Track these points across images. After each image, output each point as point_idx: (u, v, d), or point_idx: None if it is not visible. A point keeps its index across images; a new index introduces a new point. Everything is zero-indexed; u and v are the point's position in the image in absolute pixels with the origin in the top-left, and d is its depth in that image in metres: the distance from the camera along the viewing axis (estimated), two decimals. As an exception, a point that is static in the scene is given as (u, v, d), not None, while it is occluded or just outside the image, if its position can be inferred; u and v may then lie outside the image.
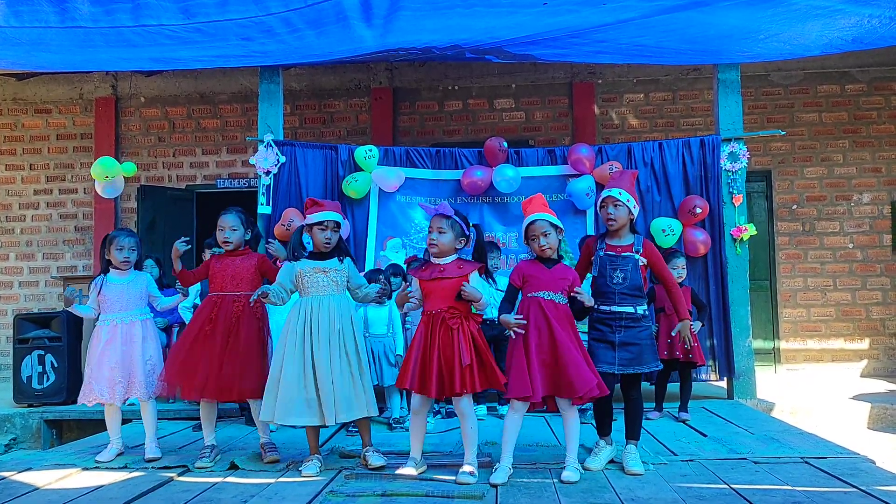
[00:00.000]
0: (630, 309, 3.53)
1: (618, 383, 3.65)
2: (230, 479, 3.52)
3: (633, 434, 3.64)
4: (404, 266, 4.94)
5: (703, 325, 5.13)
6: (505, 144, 5.84)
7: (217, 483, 3.45)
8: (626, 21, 4.98)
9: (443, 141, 7.87)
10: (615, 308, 3.53)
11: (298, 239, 3.74)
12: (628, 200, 3.57)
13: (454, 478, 3.33)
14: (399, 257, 5.56)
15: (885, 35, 5.22)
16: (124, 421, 4.24)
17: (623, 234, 3.62)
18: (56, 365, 6.04)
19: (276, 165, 5.86)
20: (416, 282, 3.53)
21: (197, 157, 8.25)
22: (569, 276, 3.47)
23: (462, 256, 3.53)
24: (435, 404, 4.93)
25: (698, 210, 5.63)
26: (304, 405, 3.51)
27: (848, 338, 7.61)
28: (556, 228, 3.48)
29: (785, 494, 3.09)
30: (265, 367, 3.77)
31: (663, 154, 5.90)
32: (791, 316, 7.67)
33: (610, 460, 3.68)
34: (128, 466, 3.80)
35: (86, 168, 7.81)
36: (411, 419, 3.59)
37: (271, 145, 5.85)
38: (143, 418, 4.07)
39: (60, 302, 7.42)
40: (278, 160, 5.86)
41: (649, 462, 3.63)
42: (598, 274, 3.59)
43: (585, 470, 3.51)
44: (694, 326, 4.82)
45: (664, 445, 4.13)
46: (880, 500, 2.96)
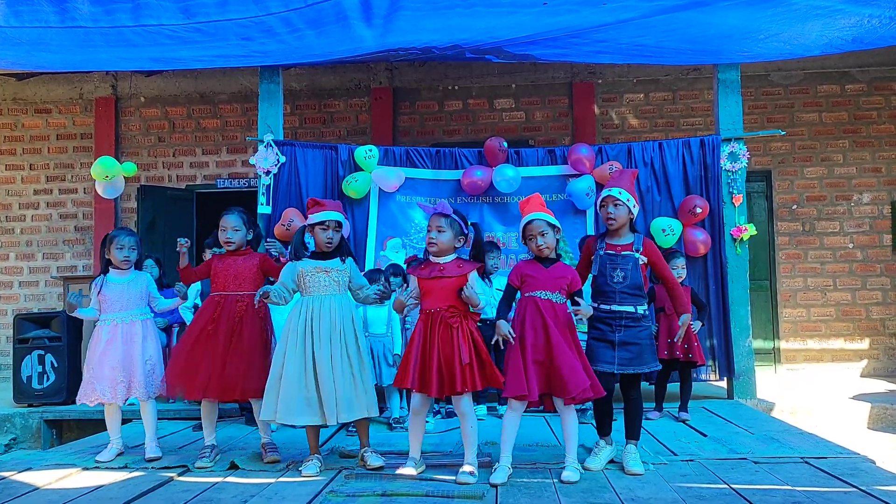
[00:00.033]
0: (630, 308, 3.53)
1: (617, 383, 3.65)
2: (230, 479, 3.52)
3: (633, 434, 3.65)
4: (404, 266, 4.93)
5: (703, 325, 5.14)
6: (505, 144, 5.84)
7: (217, 483, 3.45)
8: (626, 21, 4.98)
9: (443, 141, 7.87)
10: (615, 307, 3.53)
11: (301, 239, 3.73)
12: (628, 200, 3.57)
13: (454, 478, 3.33)
14: (399, 257, 5.56)
15: (885, 35, 5.23)
16: (124, 421, 4.24)
17: (623, 234, 3.62)
18: (56, 365, 6.05)
19: (276, 165, 5.86)
20: (415, 280, 3.53)
21: (197, 157, 8.25)
22: (567, 275, 3.47)
23: (460, 255, 3.53)
24: (435, 404, 4.93)
25: (698, 210, 5.63)
26: (305, 404, 3.51)
27: (848, 338, 7.62)
28: (554, 228, 3.48)
29: (785, 494, 3.09)
30: (268, 367, 3.75)
31: (663, 154, 5.90)
32: (791, 316, 7.67)
33: (610, 460, 3.68)
34: (128, 466, 3.80)
35: (86, 168, 7.81)
36: (411, 419, 3.58)
37: (271, 145, 5.85)
38: (143, 418, 4.07)
39: (60, 302, 7.42)
40: (278, 160, 5.85)
41: (649, 462, 3.63)
42: (599, 273, 3.59)
43: (585, 470, 3.51)
44: (694, 326, 4.84)
45: (664, 445, 4.13)
46: (880, 500, 2.96)
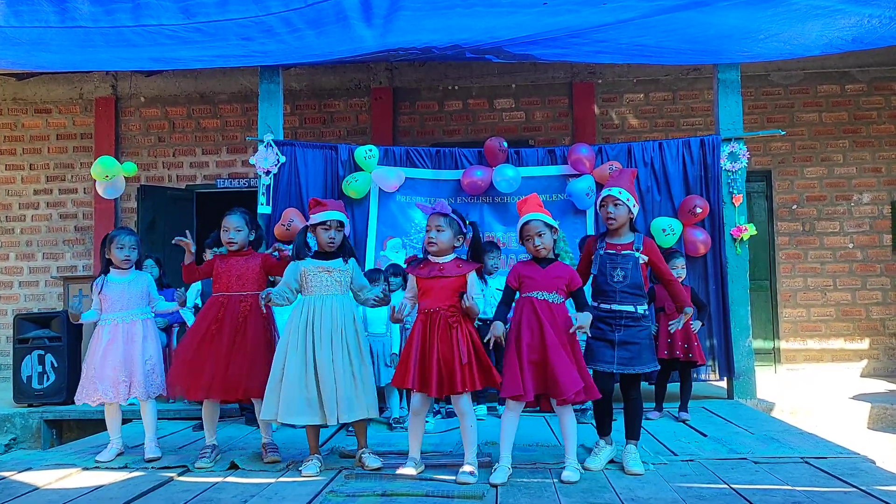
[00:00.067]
0: (630, 308, 3.53)
1: (617, 383, 3.65)
2: (230, 479, 3.52)
3: (633, 434, 3.64)
4: (404, 266, 4.93)
5: (703, 325, 5.13)
6: (505, 144, 5.84)
7: (217, 483, 3.45)
8: (626, 21, 4.98)
9: (443, 141, 7.86)
10: (615, 306, 3.53)
11: (303, 239, 3.74)
12: (628, 199, 3.57)
13: (454, 478, 3.33)
14: (399, 257, 5.56)
15: (885, 35, 5.23)
16: (124, 421, 4.24)
17: (623, 233, 3.63)
18: (56, 365, 6.05)
19: (276, 165, 5.86)
20: (413, 279, 3.53)
21: (197, 157, 8.25)
22: (564, 275, 3.47)
23: (459, 255, 3.53)
24: (435, 404, 4.93)
25: (698, 210, 5.63)
26: (305, 404, 3.51)
27: (848, 338, 7.62)
28: (551, 228, 3.48)
29: (785, 494, 3.09)
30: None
31: (663, 154, 5.90)
32: (791, 316, 7.67)
33: (610, 460, 3.68)
34: (128, 466, 3.80)
35: (86, 168, 7.81)
36: (410, 419, 3.58)
37: (271, 145, 5.85)
38: (143, 418, 4.07)
39: (60, 302, 7.41)
40: (278, 160, 5.85)
41: (649, 462, 3.63)
42: (599, 272, 3.59)
43: (585, 470, 3.51)
44: (694, 326, 4.83)
45: (664, 445, 4.13)
46: (880, 500, 2.96)
